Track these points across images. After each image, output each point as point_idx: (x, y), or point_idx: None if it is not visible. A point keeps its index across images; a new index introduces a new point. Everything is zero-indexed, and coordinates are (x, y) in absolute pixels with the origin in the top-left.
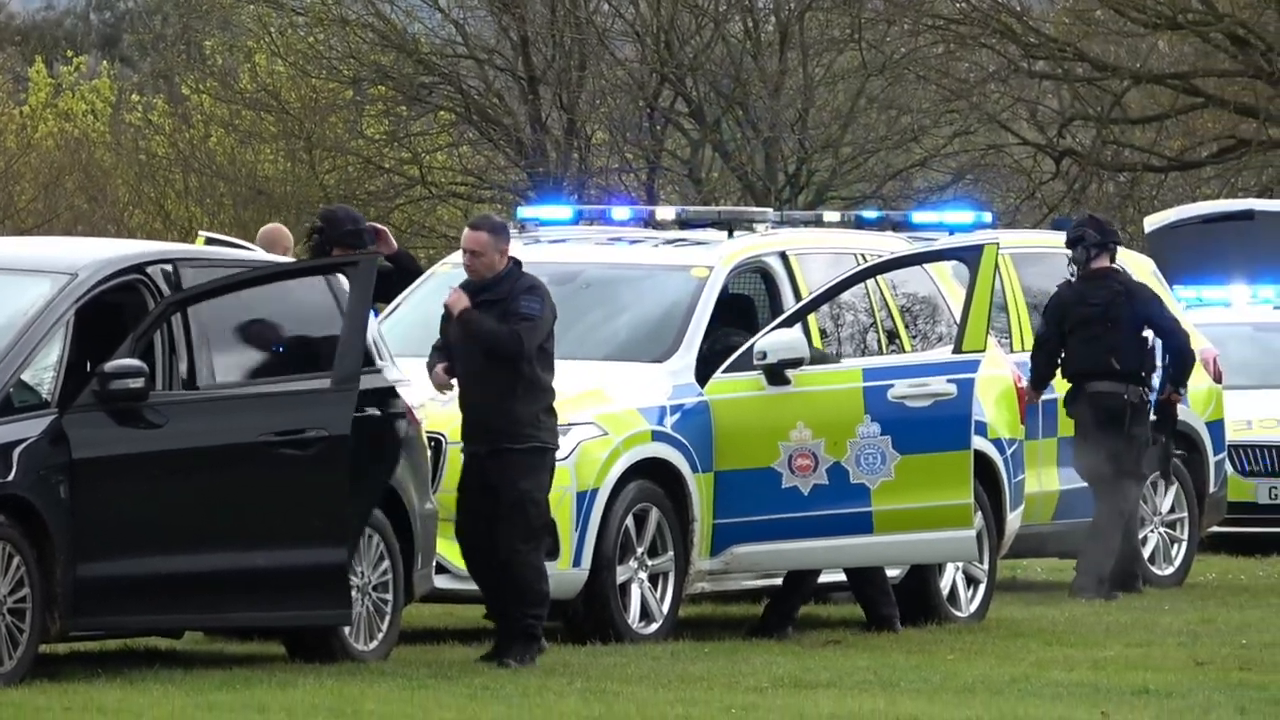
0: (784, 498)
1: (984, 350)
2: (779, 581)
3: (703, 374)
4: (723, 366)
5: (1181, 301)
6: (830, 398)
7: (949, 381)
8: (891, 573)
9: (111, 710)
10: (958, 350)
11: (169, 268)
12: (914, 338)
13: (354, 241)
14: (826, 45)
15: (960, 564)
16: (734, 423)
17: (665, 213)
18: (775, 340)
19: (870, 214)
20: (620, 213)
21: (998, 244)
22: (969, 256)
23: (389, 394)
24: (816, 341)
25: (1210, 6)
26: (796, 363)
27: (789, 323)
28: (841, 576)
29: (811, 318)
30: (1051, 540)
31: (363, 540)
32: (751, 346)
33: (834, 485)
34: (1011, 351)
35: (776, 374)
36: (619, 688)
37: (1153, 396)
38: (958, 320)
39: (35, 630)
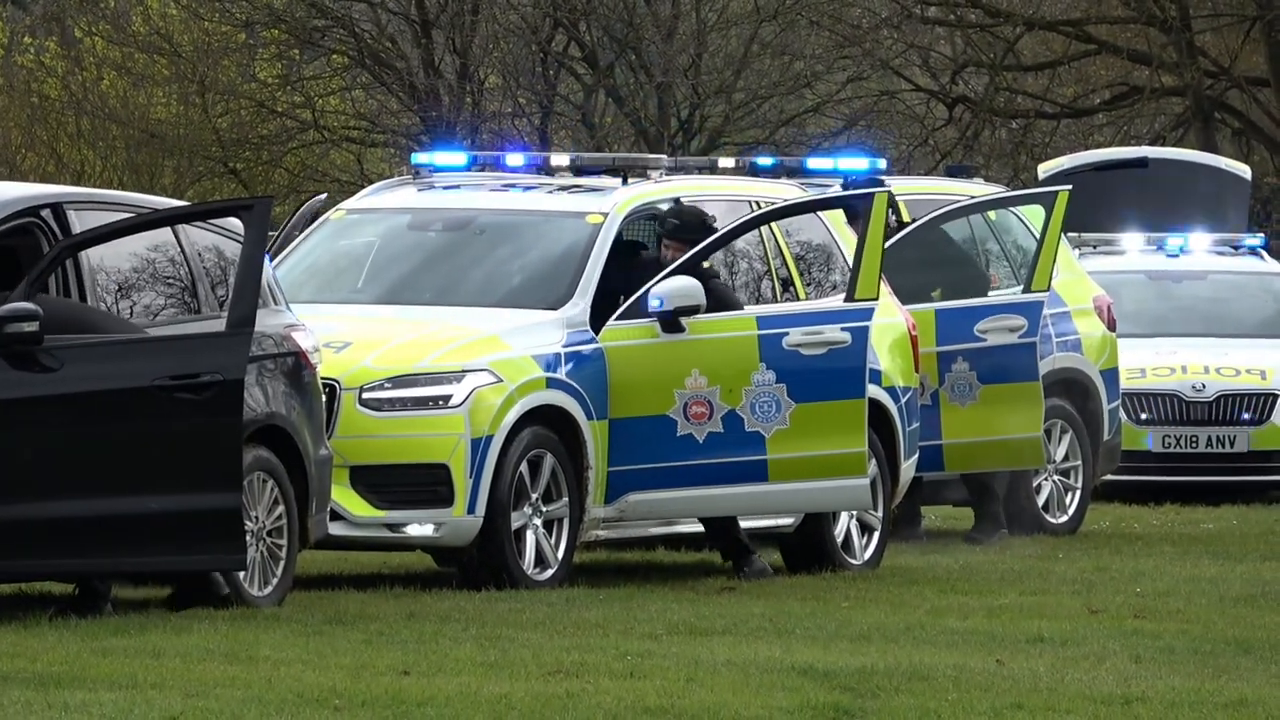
0: (679, 445)
1: (877, 298)
2: (682, 528)
3: (598, 322)
4: (616, 314)
5: (1075, 249)
6: (725, 345)
7: (843, 330)
8: (785, 520)
9: (6, 654)
10: (850, 298)
11: (62, 211)
12: (808, 286)
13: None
14: None
15: (854, 512)
16: (629, 370)
17: (560, 159)
18: (671, 287)
19: (765, 161)
20: (515, 159)
21: (889, 191)
22: (860, 204)
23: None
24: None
25: None
26: (693, 310)
27: (682, 270)
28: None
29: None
30: (948, 487)
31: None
32: (646, 294)
33: (729, 433)
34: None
35: (671, 322)
36: (514, 634)
37: None
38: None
39: None
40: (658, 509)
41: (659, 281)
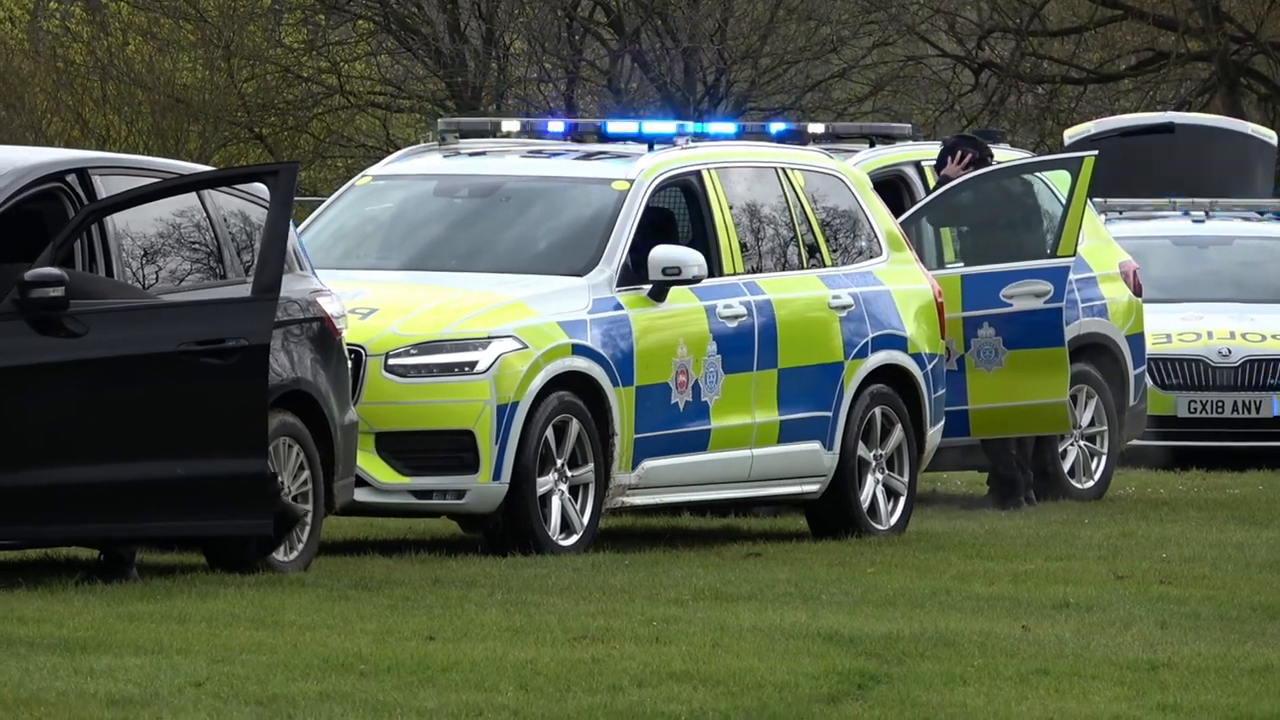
0: (674, 413)
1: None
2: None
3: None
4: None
5: (1101, 215)
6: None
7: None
8: (811, 486)
9: (32, 620)
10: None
11: (87, 176)
12: (834, 252)
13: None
14: None
15: (880, 477)
16: (649, 337)
17: (602, 125)
18: (670, 254)
19: (777, 127)
20: (556, 125)
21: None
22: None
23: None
24: (734, 260)
25: None
26: (692, 279)
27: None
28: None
29: (732, 231)
30: (972, 454)
31: (281, 449)
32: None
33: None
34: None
35: (660, 290)
36: (540, 599)
37: None
38: (882, 233)
39: None
40: (669, 476)
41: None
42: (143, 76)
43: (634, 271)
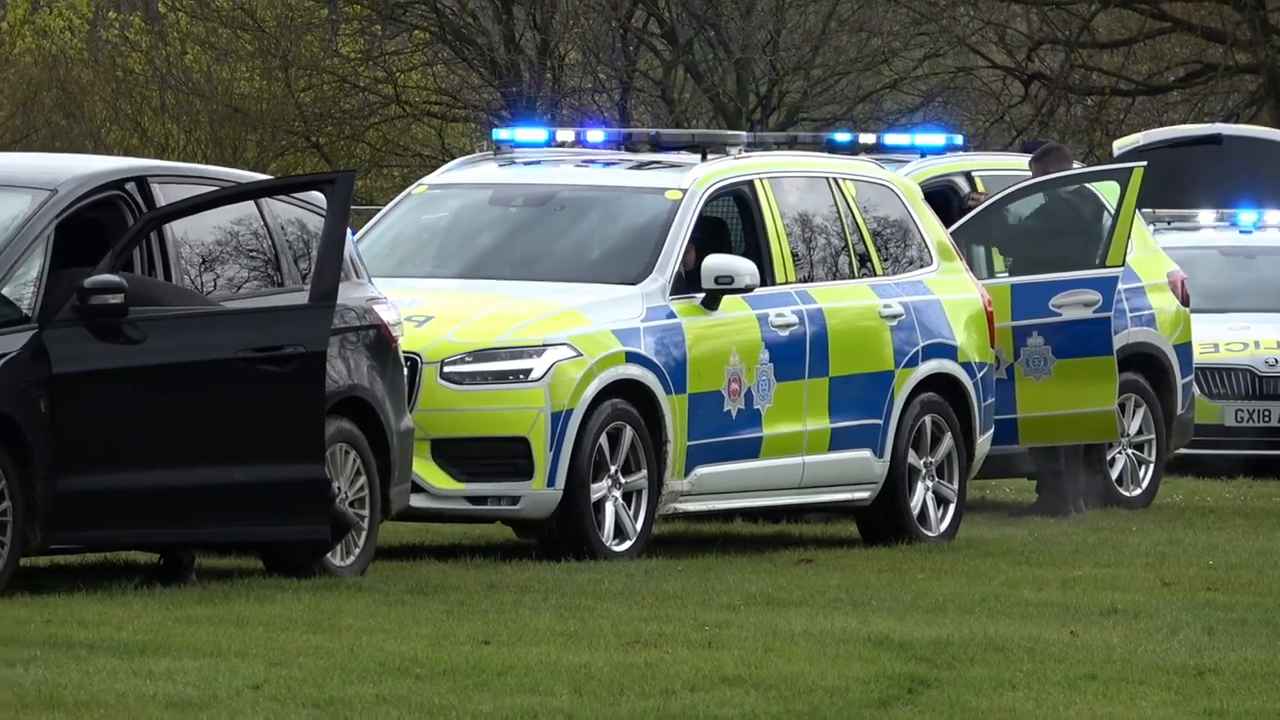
0: (726, 421)
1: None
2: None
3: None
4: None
5: (1150, 225)
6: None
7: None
8: (862, 494)
9: (92, 623)
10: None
11: (146, 184)
12: (885, 261)
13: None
14: None
15: (930, 484)
16: (702, 345)
17: (645, 134)
18: (724, 263)
19: (842, 137)
20: (595, 135)
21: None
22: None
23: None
24: (786, 268)
25: None
26: (744, 288)
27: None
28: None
29: (784, 240)
30: (1020, 461)
31: (339, 455)
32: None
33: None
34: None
35: (713, 298)
36: (593, 604)
37: None
38: (932, 243)
39: (16, 543)
40: (720, 483)
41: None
42: (201, 86)
43: (687, 280)
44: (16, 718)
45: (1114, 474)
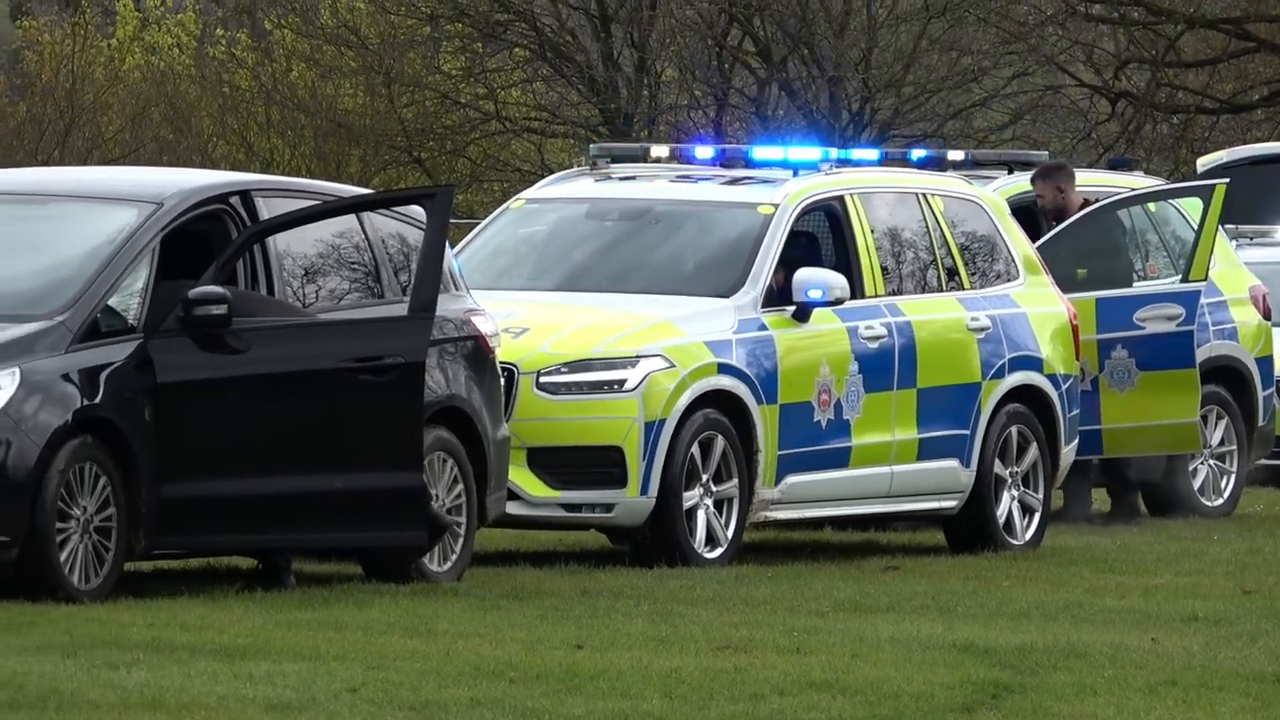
0: (816, 431)
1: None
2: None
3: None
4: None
5: (1232, 241)
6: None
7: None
8: (949, 503)
9: (194, 627)
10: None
11: (250, 198)
12: (973, 275)
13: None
14: None
15: (1016, 494)
16: (793, 356)
17: (762, 152)
18: (814, 276)
19: (918, 154)
20: (704, 152)
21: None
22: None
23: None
24: (875, 282)
25: None
26: (834, 301)
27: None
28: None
29: (874, 255)
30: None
31: (436, 463)
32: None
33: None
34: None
35: (804, 311)
36: (685, 610)
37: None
38: (1019, 257)
39: (120, 548)
40: (810, 492)
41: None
42: (305, 101)
43: (778, 293)
44: None
45: (1196, 484)
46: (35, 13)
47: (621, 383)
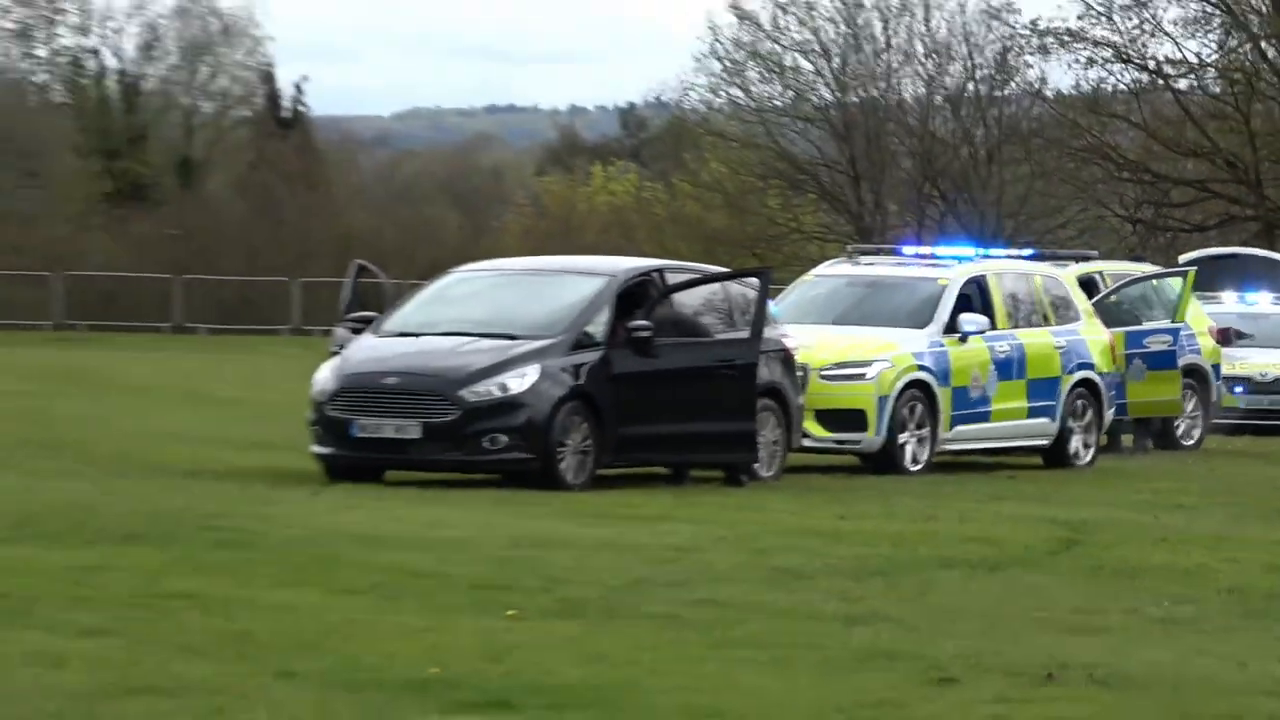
0: (971, 402)
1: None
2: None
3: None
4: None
5: (1199, 300)
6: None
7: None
8: (1044, 441)
9: (632, 504)
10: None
11: (662, 273)
12: (1056, 318)
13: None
14: (1011, 163)
15: (1080, 436)
16: (959, 361)
17: (928, 249)
18: (970, 318)
19: (1025, 251)
20: (909, 250)
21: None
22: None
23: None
24: (1004, 322)
25: (1214, 144)
26: (980, 331)
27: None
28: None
29: (1003, 306)
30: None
31: (765, 418)
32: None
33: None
34: None
35: (964, 337)
36: (899, 498)
37: None
38: (1081, 309)
39: (594, 461)
40: (967, 436)
41: (963, 316)
42: (692, 223)
43: (951, 327)
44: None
45: (1179, 433)
46: (548, 172)
47: (864, 374)
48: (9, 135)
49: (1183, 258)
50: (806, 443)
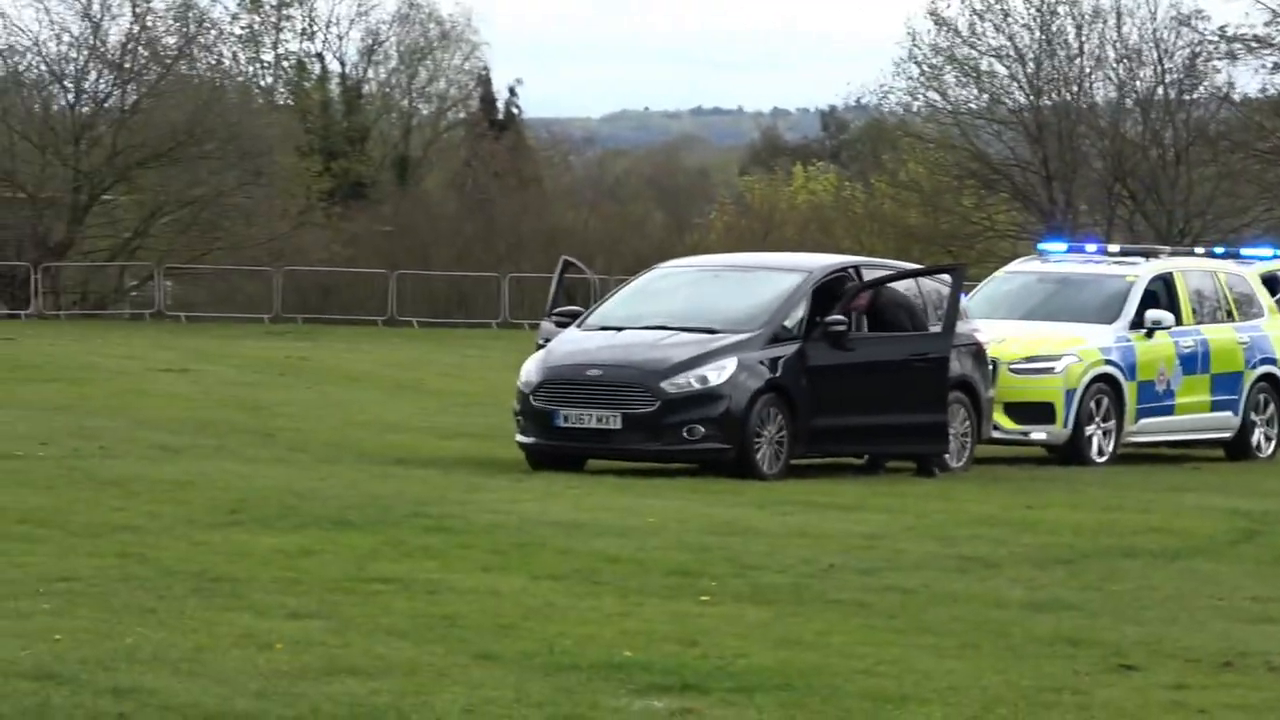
0: (1156, 395)
1: None
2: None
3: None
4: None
5: None
6: (1169, 346)
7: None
8: (1226, 434)
9: (828, 493)
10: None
11: (859, 269)
12: (1240, 314)
13: None
14: (1199, 164)
15: (1261, 430)
16: (1145, 356)
17: (1114, 248)
18: (1156, 314)
19: (1217, 250)
20: (1091, 247)
21: None
22: None
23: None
24: (1189, 317)
25: None
26: (1166, 327)
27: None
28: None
29: (1189, 303)
30: None
31: (955, 410)
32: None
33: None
34: None
35: (1150, 333)
36: (1084, 489)
37: None
38: (1265, 305)
39: (789, 452)
40: (1151, 429)
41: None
42: (891, 220)
43: (1137, 323)
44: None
45: None
46: (751, 172)
47: (1053, 368)
48: (235, 135)
49: None
50: (995, 435)
